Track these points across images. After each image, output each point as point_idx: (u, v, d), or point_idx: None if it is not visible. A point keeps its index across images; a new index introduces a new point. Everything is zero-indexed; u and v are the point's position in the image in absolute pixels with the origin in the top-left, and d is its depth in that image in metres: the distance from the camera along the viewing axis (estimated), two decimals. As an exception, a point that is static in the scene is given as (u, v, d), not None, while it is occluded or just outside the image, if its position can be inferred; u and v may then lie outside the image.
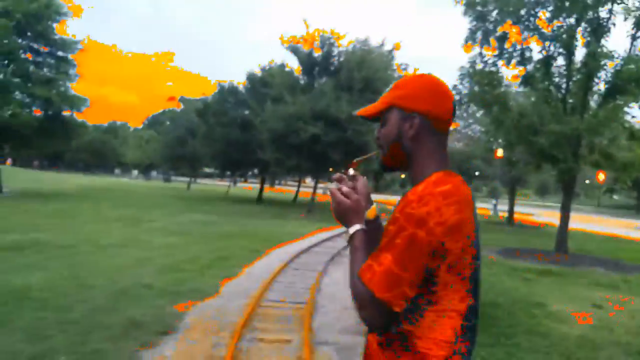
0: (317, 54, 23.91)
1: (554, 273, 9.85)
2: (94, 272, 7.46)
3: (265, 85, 28.64)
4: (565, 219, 12.83)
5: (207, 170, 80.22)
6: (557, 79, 12.85)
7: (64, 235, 11.11)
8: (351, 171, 1.42)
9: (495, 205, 40.04)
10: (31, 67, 22.63)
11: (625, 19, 12.18)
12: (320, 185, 30.44)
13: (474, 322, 1.22)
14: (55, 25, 24.11)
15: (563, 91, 12.93)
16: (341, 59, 23.58)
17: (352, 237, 1.31)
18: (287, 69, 26.86)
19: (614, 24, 12.30)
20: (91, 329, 4.91)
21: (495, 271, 9.68)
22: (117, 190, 34.56)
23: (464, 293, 1.19)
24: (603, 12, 12.36)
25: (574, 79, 12.41)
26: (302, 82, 24.73)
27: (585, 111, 12.28)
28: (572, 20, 12.63)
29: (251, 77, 30.69)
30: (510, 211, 26.28)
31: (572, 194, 13.29)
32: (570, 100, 12.86)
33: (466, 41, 13.31)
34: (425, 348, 1.17)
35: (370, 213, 1.40)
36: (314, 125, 20.79)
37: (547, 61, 12.73)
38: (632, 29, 12.41)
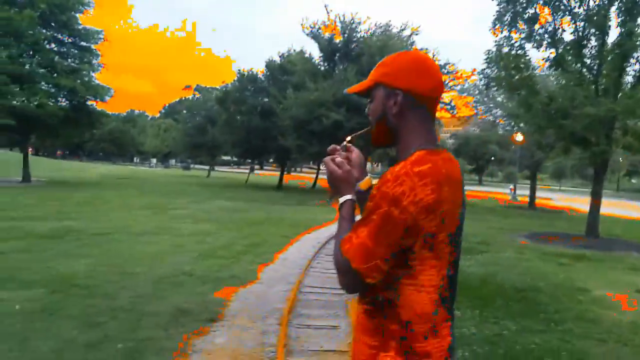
0: (337, 40, 23.69)
1: (588, 258, 9.70)
2: (133, 260, 7.55)
3: (285, 72, 28.61)
4: (596, 203, 12.61)
5: (225, 158, 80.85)
6: (589, 61, 12.52)
7: (95, 222, 11.28)
8: (345, 143, 1.45)
9: (514, 191, 39.46)
10: (56, 58, 22.81)
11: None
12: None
13: (451, 295, 1.28)
14: (78, 15, 24.30)
15: (595, 73, 12.62)
16: (362, 45, 23.33)
17: (341, 206, 1.35)
18: (306, 55, 26.73)
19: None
20: (140, 316, 4.98)
21: (528, 256, 9.58)
22: (139, 179, 35.03)
23: (441, 268, 1.23)
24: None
25: (608, 59, 12.06)
26: (322, 68, 24.56)
27: (618, 93, 11.98)
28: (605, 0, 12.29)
29: (270, 65, 30.63)
30: (532, 196, 25.91)
31: (603, 178, 13.03)
32: (603, 82, 12.55)
33: (494, 24, 13.02)
34: (408, 318, 1.22)
35: (364, 184, 1.44)
36: (336, 111, 20.69)
37: (580, 42, 12.40)
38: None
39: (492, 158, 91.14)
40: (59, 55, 23.42)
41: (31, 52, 21.91)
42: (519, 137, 34.09)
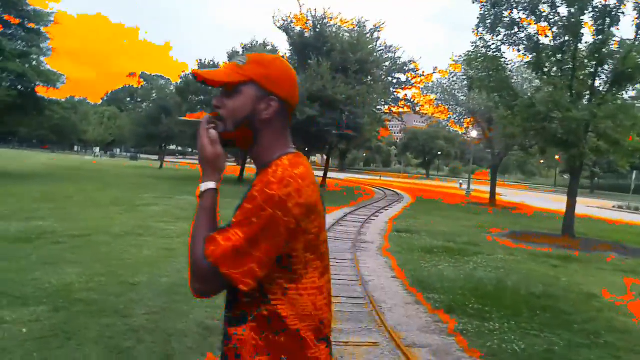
0: (308, 33, 23.34)
1: (575, 259, 10.01)
2: (127, 267, 7.01)
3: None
4: (572, 203, 13.08)
5: (171, 147, 78.41)
6: (565, 66, 12.91)
7: (67, 222, 10.47)
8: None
9: (466, 185, 40.62)
10: (2, 40, 21.10)
11: (635, 8, 12.28)
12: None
13: (330, 295, 1.29)
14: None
15: (570, 77, 13.03)
16: (334, 40, 23.12)
17: (202, 195, 1.26)
18: (270, 48, 26.21)
19: (622, 13, 12.38)
20: (167, 337, 4.57)
21: (519, 257, 9.76)
22: (90, 170, 33.29)
23: (322, 269, 1.24)
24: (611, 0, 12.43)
25: (585, 64, 12.47)
26: (291, 63, 24.17)
27: (593, 98, 12.43)
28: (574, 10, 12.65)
29: (234, 57, 29.88)
30: (493, 192, 26.74)
31: (579, 178, 13.55)
32: (575, 86, 12.97)
33: (477, 27, 13.19)
34: (296, 325, 1.21)
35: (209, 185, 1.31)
36: (310, 106, 20.39)
37: (559, 48, 12.75)
38: (637, 17, 12.55)
39: (440, 153, 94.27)
40: (6, 37, 21.69)
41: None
42: (474, 134, 35.21)
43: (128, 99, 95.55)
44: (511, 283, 7.10)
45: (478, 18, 13.06)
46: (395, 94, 28.13)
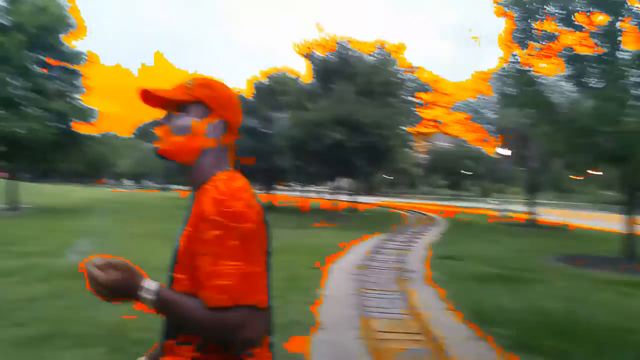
0: (332, 59, 23.48)
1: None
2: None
3: (272, 93, 28.35)
4: (630, 222, 12.36)
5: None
6: (612, 77, 12.41)
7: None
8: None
9: (500, 206, 39.50)
10: (43, 81, 21.89)
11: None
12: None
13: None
14: (61, 37, 23.52)
15: (616, 88, 12.50)
16: (358, 64, 23.14)
17: (157, 300, 1.16)
18: (292, 75, 26.45)
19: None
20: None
21: (583, 285, 9.16)
22: (131, 203, 33.98)
23: (268, 273, 1.24)
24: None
25: (630, 75, 11.96)
26: (315, 88, 24.29)
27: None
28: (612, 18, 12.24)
29: (257, 85, 30.37)
30: (533, 212, 25.91)
31: (638, 196, 12.78)
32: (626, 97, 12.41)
33: (507, 40, 12.87)
34: (246, 344, 1.17)
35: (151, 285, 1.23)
36: (336, 131, 20.31)
37: (600, 58, 12.29)
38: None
39: (467, 173, 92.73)
40: (46, 78, 22.51)
41: (19, 77, 20.96)
42: (504, 152, 34.48)
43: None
44: (583, 315, 6.59)
45: (505, 32, 12.71)
46: (419, 114, 27.86)
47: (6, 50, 19.24)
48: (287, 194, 43.65)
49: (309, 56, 24.31)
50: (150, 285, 1.18)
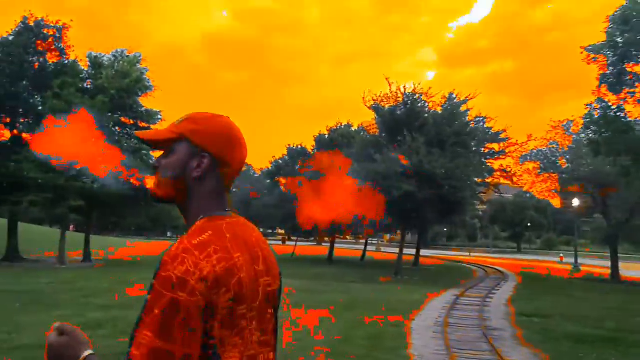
0: (400, 110, 23.63)
1: None
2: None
3: (336, 145, 28.80)
4: None
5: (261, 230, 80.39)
6: None
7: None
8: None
9: (572, 259, 36.96)
10: (120, 139, 23.28)
11: None
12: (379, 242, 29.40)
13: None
14: (138, 98, 25.15)
15: None
16: (427, 115, 23.14)
17: None
18: (354, 128, 26.72)
19: None
20: None
21: None
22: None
23: (244, 345, 1.10)
24: None
25: None
26: (381, 140, 24.39)
27: None
28: None
29: (318, 139, 30.96)
30: (615, 267, 24.18)
31: None
32: None
33: (599, 85, 12.49)
34: None
35: None
36: (406, 182, 20.07)
37: None
38: None
39: (530, 225, 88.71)
40: (122, 136, 23.94)
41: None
42: (576, 202, 32.83)
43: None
44: None
45: (599, 79, 12.35)
46: (488, 165, 27.26)
47: (90, 112, 20.70)
48: (342, 247, 43.21)
49: (376, 109, 24.53)
50: (84, 353, 1.09)
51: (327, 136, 30.29)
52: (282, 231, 61.75)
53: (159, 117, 25.97)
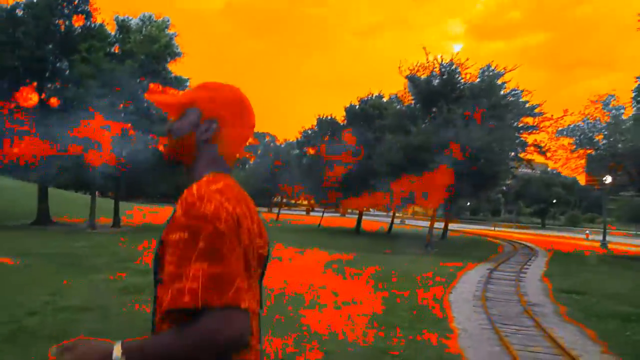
0: (437, 81, 22.91)
1: None
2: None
3: (366, 117, 28.32)
4: None
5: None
6: None
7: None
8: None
9: (600, 236, 35.93)
10: (148, 106, 23.16)
11: None
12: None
13: (260, 318, 1.26)
14: (167, 64, 24.94)
15: None
16: (463, 86, 22.40)
17: (128, 352, 1.08)
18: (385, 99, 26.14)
19: None
20: None
21: None
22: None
23: (255, 291, 1.21)
24: None
25: None
26: (415, 111, 23.80)
27: None
28: None
29: (349, 110, 30.46)
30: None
31: None
32: None
33: None
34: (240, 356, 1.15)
35: (118, 349, 1.10)
36: (440, 155, 19.60)
37: None
38: None
39: (555, 201, 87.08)
40: (152, 104, 23.82)
41: (129, 102, 22.34)
42: (608, 179, 31.86)
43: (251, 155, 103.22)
44: None
45: None
46: (522, 139, 26.50)
47: (119, 77, 20.60)
48: (366, 219, 43.04)
49: (411, 79, 23.84)
50: (114, 346, 1.10)
51: (357, 107, 29.80)
52: (306, 202, 61.91)
53: (187, 84, 25.80)
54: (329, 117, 31.72)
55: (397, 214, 45.30)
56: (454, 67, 22.68)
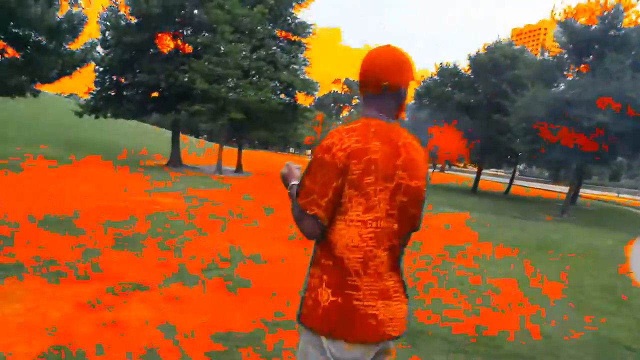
0: (593, 27, 20.11)
1: None
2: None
3: (495, 66, 26.02)
4: None
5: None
6: None
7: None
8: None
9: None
10: (276, 53, 22.99)
11: None
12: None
13: (379, 230, 1.56)
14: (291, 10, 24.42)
15: None
16: (626, 31, 19.36)
17: (290, 188, 1.80)
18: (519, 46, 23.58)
19: None
20: None
21: None
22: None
23: (367, 206, 1.53)
24: None
25: None
26: (563, 61, 21.22)
27: None
28: None
29: (475, 59, 28.15)
30: None
31: None
32: None
33: None
34: (340, 252, 1.56)
35: (295, 183, 1.82)
36: (598, 112, 17.30)
37: None
38: None
39: None
40: (280, 49, 23.61)
41: (258, 49, 22.29)
42: None
43: (331, 104, 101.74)
44: None
45: None
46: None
47: (250, 22, 20.49)
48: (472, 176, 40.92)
49: (564, 24, 21.07)
50: (292, 181, 1.81)
51: (484, 54, 27.37)
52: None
53: (310, 30, 25.18)
54: (452, 66, 29.58)
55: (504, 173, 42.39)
56: (621, 9, 19.50)
